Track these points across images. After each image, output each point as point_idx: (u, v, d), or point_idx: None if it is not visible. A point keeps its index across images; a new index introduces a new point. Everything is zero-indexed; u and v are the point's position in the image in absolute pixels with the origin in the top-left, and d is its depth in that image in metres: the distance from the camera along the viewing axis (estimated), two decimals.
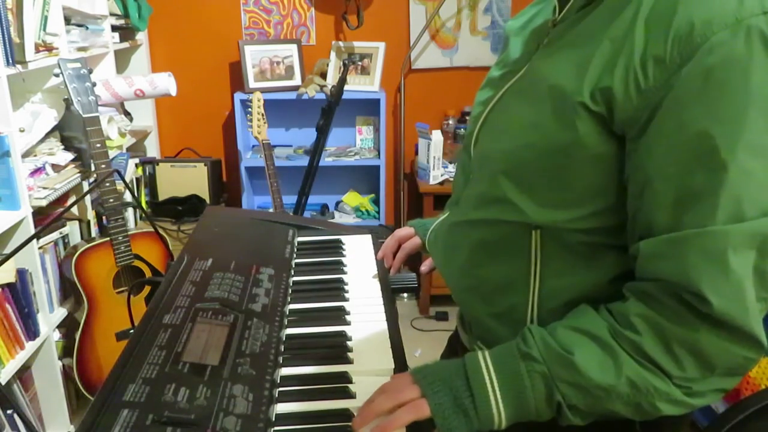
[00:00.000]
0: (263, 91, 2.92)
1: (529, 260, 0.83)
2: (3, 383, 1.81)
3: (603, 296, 0.78)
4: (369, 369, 0.90)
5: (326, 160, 3.08)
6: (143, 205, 2.98)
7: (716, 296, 0.65)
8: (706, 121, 0.64)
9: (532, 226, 0.81)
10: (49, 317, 2.10)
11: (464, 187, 0.94)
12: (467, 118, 2.10)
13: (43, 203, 2.01)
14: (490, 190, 0.84)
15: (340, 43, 3.12)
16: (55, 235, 2.20)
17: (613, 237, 0.77)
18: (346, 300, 1.11)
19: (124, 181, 1.47)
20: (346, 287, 1.15)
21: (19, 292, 1.94)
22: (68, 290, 2.25)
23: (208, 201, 3.00)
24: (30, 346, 1.98)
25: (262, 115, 2.74)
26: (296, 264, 1.23)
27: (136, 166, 2.96)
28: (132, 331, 0.94)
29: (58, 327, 2.19)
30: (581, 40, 0.75)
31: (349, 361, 0.92)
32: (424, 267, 1.20)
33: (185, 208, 2.92)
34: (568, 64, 0.75)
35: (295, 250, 1.29)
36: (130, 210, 2.77)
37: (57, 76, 2.05)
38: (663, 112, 0.66)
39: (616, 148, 0.73)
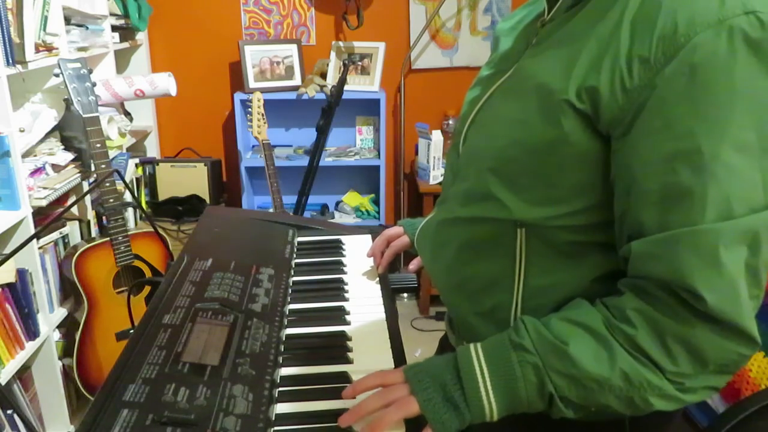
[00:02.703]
0: (263, 91, 2.92)
1: (514, 259, 0.83)
2: (3, 383, 1.81)
3: (587, 296, 0.78)
4: (369, 369, 0.90)
5: (326, 160, 3.08)
6: (143, 205, 2.98)
7: (710, 293, 0.65)
8: (691, 119, 0.65)
9: (518, 224, 0.81)
10: (49, 317, 2.10)
11: (452, 185, 0.95)
12: None
13: (43, 203, 2.01)
14: (477, 187, 0.85)
15: (340, 43, 3.12)
16: (55, 235, 2.20)
17: (597, 235, 0.78)
18: (346, 300, 1.11)
19: (124, 181, 1.47)
20: (346, 287, 1.15)
21: (19, 292, 1.94)
22: (68, 290, 2.25)
23: (208, 201, 3.00)
24: (30, 346, 1.98)
25: (262, 115, 2.74)
26: (296, 264, 1.23)
27: (136, 166, 2.96)
28: (132, 331, 0.94)
29: (58, 327, 2.19)
30: (569, 40, 0.76)
31: (349, 361, 0.93)
32: (412, 266, 1.20)
33: (185, 208, 2.92)
34: (556, 63, 0.76)
35: (295, 250, 1.29)
36: (130, 210, 2.77)
37: (57, 76, 2.05)
38: (648, 111, 0.67)
39: (601, 147, 0.73)
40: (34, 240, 2.01)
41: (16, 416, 1.84)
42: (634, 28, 0.69)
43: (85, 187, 2.30)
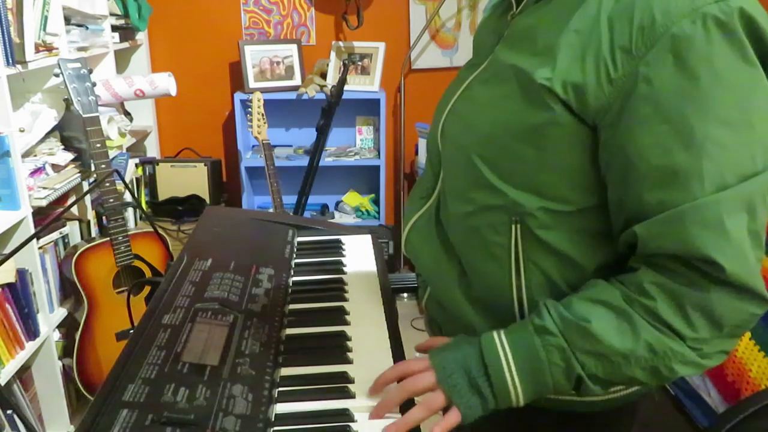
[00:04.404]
0: (263, 91, 2.92)
1: (509, 258, 0.84)
2: (3, 383, 1.81)
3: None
4: (369, 369, 0.90)
5: (326, 160, 3.08)
6: (143, 205, 2.98)
7: (726, 260, 0.69)
8: (679, 102, 0.69)
9: (513, 219, 0.82)
10: (49, 317, 2.10)
11: (434, 181, 0.96)
12: None
13: (43, 203, 2.01)
14: (469, 176, 0.86)
15: (340, 43, 3.12)
16: (55, 235, 2.20)
17: (589, 222, 0.80)
18: (346, 300, 1.11)
19: (124, 181, 1.47)
20: (346, 287, 1.15)
21: (19, 292, 1.94)
22: (68, 290, 2.25)
23: (208, 201, 3.00)
24: (30, 346, 1.98)
25: (262, 115, 2.74)
26: (296, 264, 1.23)
27: (136, 166, 2.96)
28: (132, 331, 0.94)
29: (58, 327, 2.19)
30: (542, 29, 0.79)
31: (349, 361, 0.92)
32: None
33: (185, 208, 2.92)
34: (531, 50, 0.79)
35: (295, 250, 1.29)
36: (130, 210, 2.77)
37: (57, 76, 2.05)
38: (636, 98, 0.71)
39: (588, 132, 0.76)
40: (34, 240, 2.01)
41: (16, 416, 1.84)
42: (612, 22, 0.72)
43: (85, 187, 2.30)
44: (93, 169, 2.16)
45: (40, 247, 2.07)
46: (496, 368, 0.76)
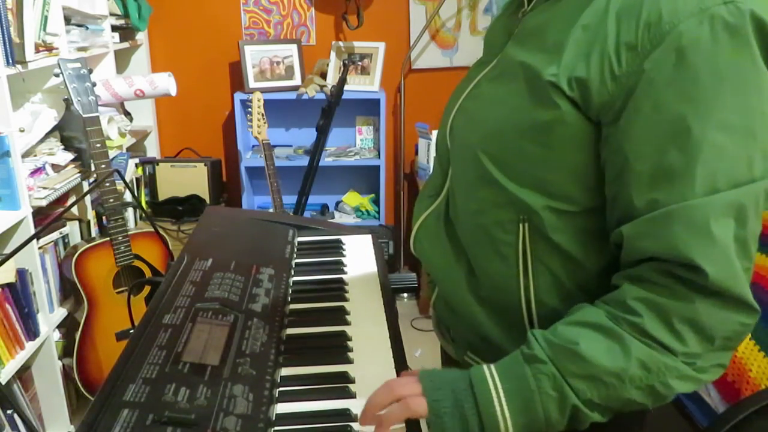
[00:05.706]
0: (263, 91, 2.92)
1: (517, 258, 0.84)
2: (3, 383, 1.81)
3: (593, 289, 0.80)
4: (369, 369, 0.90)
5: (326, 160, 3.08)
6: (143, 205, 2.98)
7: (710, 265, 0.67)
8: (679, 103, 0.68)
9: (521, 218, 0.82)
10: (49, 317, 2.10)
11: (443, 179, 0.96)
12: None
13: (43, 203, 2.01)
14: (475, 173, 0.85)
15: (340, 43, 3.12)
16: (55, 235, 2.20)
17: (600, 222, 0.79)
18: (346, 300, 1.11)
19: (124, 181, 1.47)
20: (346, 287, 1.15)
21: (19, 292, 1.94)
22: (68, 290, 2.25)
23: (208, 201, 3.00)
24: (30, 346, 1.98)
25: (262, 115, 2.74)
26: (296, 264, 1.23)
27: (136, 166, 2.96)
28: (132, 331, 0.94)
29: (58, 327, 2.19)
30: (552, 26, 0.79)
31: (349, 361, 0.92)
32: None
33: (185, 208, 2.92)
34: (541, 48, 0.79)
35: (295, 250, 1.29)
36: (130, 210, 2.77)
37: (57, 76, 2.05)
38: (637, 95, 0.70)
39: (593, 130, 0.75)
40: (34, 240, 2.01)
41: (16, 416, 1.84)
42: (620, 19, 0.71)
43: (85, 187, 2.30)
44: (93, 169, 2.16)
45: (40, 247, 2.07)
46: (484, 395, 0.72)
